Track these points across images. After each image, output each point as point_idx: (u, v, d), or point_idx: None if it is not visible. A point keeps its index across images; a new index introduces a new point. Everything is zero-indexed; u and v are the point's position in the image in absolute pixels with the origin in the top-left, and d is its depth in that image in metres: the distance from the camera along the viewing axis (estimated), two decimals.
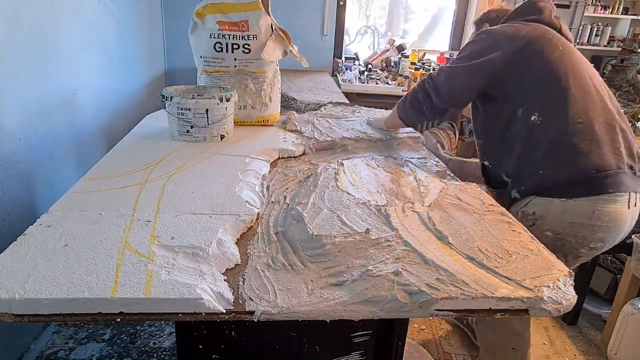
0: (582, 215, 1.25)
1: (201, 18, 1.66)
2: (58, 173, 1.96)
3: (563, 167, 1.27)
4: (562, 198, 1.27)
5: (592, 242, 1.29)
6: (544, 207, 1.30)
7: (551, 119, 1.29)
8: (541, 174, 1.30)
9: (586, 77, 1.33)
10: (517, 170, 1.36)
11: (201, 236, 0.92)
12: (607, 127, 1.28)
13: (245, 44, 1.67)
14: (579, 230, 1.27)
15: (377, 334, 1.10)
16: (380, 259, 0.88)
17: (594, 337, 2.14)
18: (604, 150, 1.25)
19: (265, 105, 1.78)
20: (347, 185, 1.23)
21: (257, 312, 0.75)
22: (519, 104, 1.34)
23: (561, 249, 1.31)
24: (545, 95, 1.30)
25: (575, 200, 1.25)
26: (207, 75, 1.73)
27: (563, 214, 1.27)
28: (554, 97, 1.29)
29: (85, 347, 1.83)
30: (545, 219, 1.30)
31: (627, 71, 3.61)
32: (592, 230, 1.26)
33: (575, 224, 1.26)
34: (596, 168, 1.24)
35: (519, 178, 1.36)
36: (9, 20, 1.60)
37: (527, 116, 1.31)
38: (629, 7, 4.21)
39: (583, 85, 1.30)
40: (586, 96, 1.29)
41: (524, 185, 1.34)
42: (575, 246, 1.30)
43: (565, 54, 1.33)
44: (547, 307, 0.79)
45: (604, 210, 1.24)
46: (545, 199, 1.30)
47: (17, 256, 0.82)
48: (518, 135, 1.34)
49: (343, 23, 4.03)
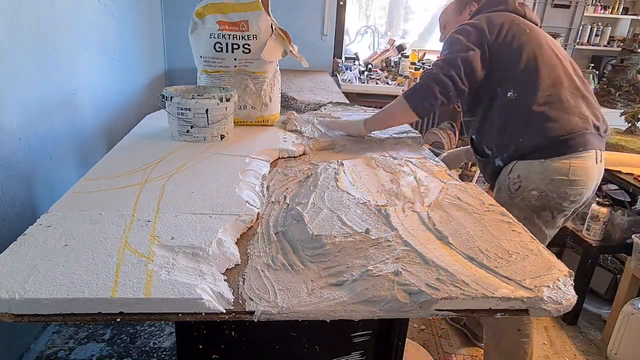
0: (560, 172, 1.44)
1: (201, 18, 1.66)
2: (58, 173, 1.96)
3: (537, 134, 1.45)
4: (541, 159, 1.45)
5: (572, 196, 1.47)
6: (525, 169, 1.48)
7: (525, 95, 1.47)
8: (520, 141, 1.48)
9: (552, 54, 1.51)
10: (499, 141, 1.54)
11: (201, 236, 0.92)
12: (572, 96, 1.47)
13: (245, 44, 1.67)
14: (559, 186, 1.45)
15: (377, 334, 1.10)
16: (380, 259, 0.88)
17: (594, 337, 2.14)
18: (571, 115, 1.44)
19: (265, 105, 1.78)
20: (347, 185, 1.23)
21: (257, 312, 0.75)
22: (497, 84, 1.51)
23: (547, 206, 1.48)
24: (518, 75, 1.48)
25: (552, 160, 1.44)
26: (207, 75, 1.73)
27: (543, 172, 1.45)
28: (526, 76, 1.47)
29: (85, 347, 1.83)
30: (528, 179, 1.47)
31: (627, 71, 3.61)
32: (571, 184, 1.44)
33: (555, 180, 1.44)
34: (566, 131, 1.43)
35: (500, 147, 1.54)
36: (9, 20, 1.60)
37: (505, 93, 1.50)
38: (629, 7, 4.21)
39: (550, 62, 1.48)
40: (553, 71, 1.48)
41: (506, 154, 1.52)
42: (558, 201, 1.47)
43: (532, 36, 1.51)
44: (547, 307, 0.79)
45: (578, 166, 1.43)
46: (526, 161, 1.48)
47: (17, 256, 0.82)
48: (498, 111, 1.52)
49: (343, 23, 4.03)
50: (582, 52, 4.18)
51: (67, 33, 2.04)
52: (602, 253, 2.26)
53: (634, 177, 1.96)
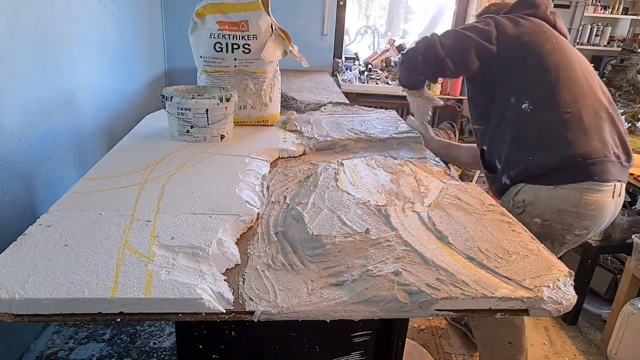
0: (569, 202, 1.30)
1: (201, 18, 1.66)
2: (58, 173, 1.96)
3: (550, 154, 1.32)
4: (550, 185, 1.32)
5: (578, 229, 1.34)
6: (533, 194, 1.36)
7: (541, 108, 1.34)
8: (530, 160, 1.35)
9: (577, 69, 1.38)
10: (508, 155, 1.42)
11: (201, 236, 0.92)
12: (595, 117, 1.32)
13: (245, 44, 1.67)
14: (565, 217, 1.32)
15: (377, 334, 1.10)
16: (380, 259, 0.88)
17: (594, 337, 2.14)
18: (590, 138, 1.30)
19: (265, 105, 1.78)
20: (347, 185, 1.23)
21: (257, 312, 0.75)
22: (511, 92, 1.40)
23: (548, 236, 1.37)
24: (535, 85, 1.36)
25: (562, 188, 1.30)
26: (207, 75, 1.73)
27: (551, 200, 1.32)
28: (544, 87, 1.35)
29: (85, 347, 1.83)
30: (534, 205, 1.35)
31: (627, 71, 3.61)
32: (578, 217, 1.31)
33: (562, 211, 1.31)
34: (582, 155, 1.29)
35: (509, 163, 1.42)
36: (9, 20, 1.60)
37: (519, 104, 1.37)
38: (629, 7, 4.21)
39: (573, 77, 1.36)
40: (575, 87, 1.34)
41: (513, 171, 1.40)
42: (561, 233, 1.35)
43: (557, 47, 1.39)
44: (547, 307, 0.79)
45: (590, 199, 1.29)
46: (534, 186, 1.35)
47: (17, 256, 0.82)
48: (510, 122, 1.40)
49: (343, 23, 4.03)
50: (582, 52, 4.16)
51: (67, 33, 2.04)
52: (602, 253, 2.26)
53: (634, 177, 1.96)
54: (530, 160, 1.35)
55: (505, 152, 1.43)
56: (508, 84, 1.41)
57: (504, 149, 1.43)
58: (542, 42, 1.39)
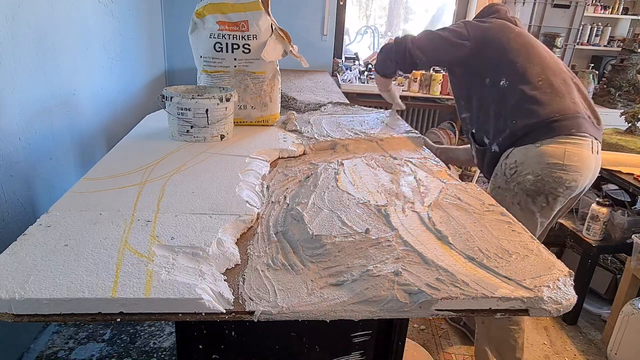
0: (555, 156, 1.47)
1: (201, 18, 1.66)
2: (58, 173, 1.96)
3: (530, 115, 1.50)
4: (536, 143, 1.49)
5: (567, 182, 1.49)
6: (522, 154, 1.52)
7: (517, 81, 1.54)
8: (514, 123, 1.53)
9: (541, 49, 1.61)
10: (494, 126, 1.60)
11: (201, 236, 0.92)
12: (564, 84, 1.54)
13: (245, 44, 1.67)
14: (554, 171, 1.48)
15: (377, 334, 1.10)
16: (380, 259, 0.88)
17: (594, 337, 2.14)
18: (562, 99, 1.51)
19: (265, 105, 1.78)
20: (347, 185, 1.23)
21: (257, 312, 0.75)
22: (487, 75, 1.61)
23: (542, 190, 1.51)
24: (508, 64, 1.57)
25: (548, 145, 1.47)
26: (207, 75, 1.73)
27: (539, 157, 1.48)
28: (516, 64, 1.56)
29: (85, 347, 1.83)
30: (524, 164, 1.51)
31: (627, 71, 3.60)
32: (565, 169, 1.47)
33: (551, 164, 1.47)
34: (558, 112, 1.49)
35: (496, 132, 1.60)
36: (9, 20, 1.60)
37: (497, 82, 1.58)
38: (629, 7, 4.21)
39: (539, 54, 1.58)
40: (542, 62, 1.56)
41: (501, 137, 1.57)
42: (553, 185, 1.49)
43: (521, 34, 1.62)
44: (547, 307, 0.79)
45: (572, 151, 1.47)
46: (522, 147, 1.52)
47: (17, 256, 0.82)
48: (492, 100, 1.60)
49: (343, 23, 4.03)
50: (582, 52, 4.18)
51: (67, 33, 2.04)
52: (602, 253, 2.26)
53: (634, 177, 1.96)
54: (514, 124, 1.53)
55: (491, 126, 1.61)
56: (483, 69, 1.62)
57: (490, 123, 1.62)
58: (507, 31, 1.61)
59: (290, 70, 3.63)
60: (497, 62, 1.59)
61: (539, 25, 3.56)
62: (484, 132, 1.66)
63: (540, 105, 1.49)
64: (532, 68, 1.54)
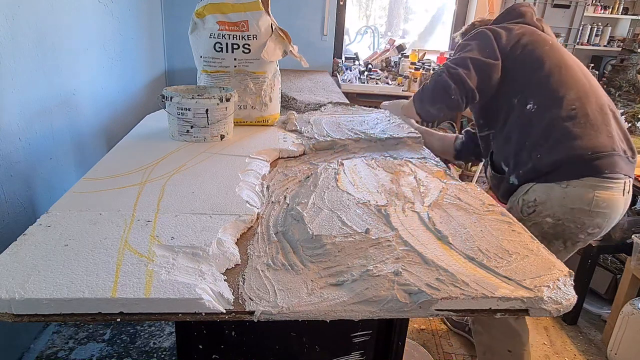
0: (582, 201, 1.30)
1: (201, 18, 1.66)
2: (58, 173, 1.96)
3: (559, 149, 1.32)
4: (561, 182, 1.32)
5: (590, 228, 1.34)
6: (544, 193, 1.34)
7: (546, 107, 1.36)
8: (538, 157, 1.35)
9: (576, 69, 1.41)
10: (515, 156, 1.42)
11: (201, 236, 0.92)
12: (600, 113, 1.34)
13: (245, 44, 1.67)
14: (578, 216, 1.32)
15: (377, 334, 1.10)
16: (380, 259, 0.88)
17: (594, 337, 2.14)
18: (597, 132, 1.31)
19: (265, 105, 1.78)
20: (347, 185, 1.23)
21: (257, 312, 0.75)
22: (514, 94, 1.42)
23: (561, 235, 1.36)
24: (539, 86, 1.38)
25: (574, 187, 1.30)
26: (207, 75, 1.73)
27: (564, 199, 1.31)
28: (548, 87, 1.37)
29: (85, 347, 1.83)
30: (545, 204, 1.34)
31: (627, 71, 3.61)
32: (591, 216, 1.31)
33: (576, 209, 1.31)
34: (591, 149, 1.29)
35: (517, 163, 1.42)
36: (9, 20, 1.60)
37: (523, 105, 1.39)
38: (629, 7, 4.21)
39: (574, 76, 1.38)
40: (578, 85, 1.36)
41: (522, 170, 1.40)
42: (574, 232, 1.34)
43: (555, 48, 1.43)
44: (547, 307, 0.79)
45: (602, 196, 1.29)
46: (545, 185, 1.34)
47: (17, 256, 0.82)
48: (515, 123, 1.42)
49: (343, 23, 4.03)
50: (582, 52, 4.18)
51: (67, 33, 2.04)
52: (602, 253, 2.26)
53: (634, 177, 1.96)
54: (538, 158, 1.34)
55: (512, 153, 1.43)
56: (511, 87, 1.42)
57: (511, 150, 1.44)
58: (540, 44, 1.42)
59: (290, 70, 3.63)
60: (525, 80, 1.40)
61: None
62: (502, 159, 1.48)
63: (571, 140, 1.30)
64: (566, 92, 1.34)
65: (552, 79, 1.37)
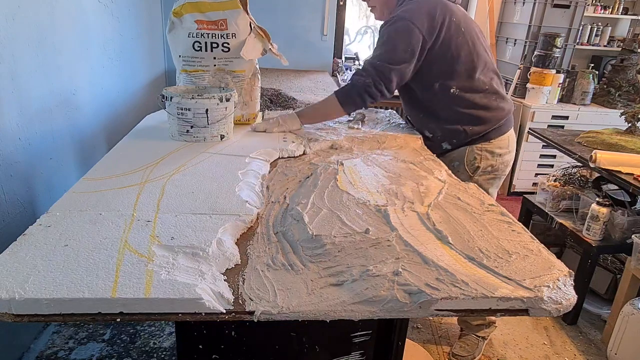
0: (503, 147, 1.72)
1: (179, 17, 1.65)
2: (58, 173, 1.96)
3: (485, 120, 1.68)
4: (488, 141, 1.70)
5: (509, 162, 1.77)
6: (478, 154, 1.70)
7: (466, 91, 1.65)
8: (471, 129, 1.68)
9: (481, 46, 1.65)
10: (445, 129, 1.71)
11: (201, 236, 0.92)
12: (498, 79, 1.72)
13: (224, 42, 1.65)
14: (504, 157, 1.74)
15: (377, 334, 1.10)
16: (380, 259, 0.88)
17: (594, 337, 2.14)
18: (505, 101, 1.72)
19: (246, 104, 1.76)
20: (347, 185, 1.23)
21: (257, 312, 0.75)
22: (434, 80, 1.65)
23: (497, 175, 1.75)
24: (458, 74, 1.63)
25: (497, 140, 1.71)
26: (187, 75, 1.71)
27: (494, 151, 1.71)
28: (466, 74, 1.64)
29: (85, 347, 1.83)
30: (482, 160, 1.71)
31: (627, 71, 3.60)
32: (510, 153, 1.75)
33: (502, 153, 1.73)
34: (505, 115, 1.72)
35: (447, 134, 1.71)
36: (9, 20, 1.60)
37: (447, 89, 1.65)
38: (629, 7, 4.20)
39: (482, 56, 1.65)
40: (485, 66, 1.66)
41: (455, 139, 1.71)
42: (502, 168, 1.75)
43: (467, 34, 1.62)
44: (547, 307, 0.79)
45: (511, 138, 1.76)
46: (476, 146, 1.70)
47: (17, 256, 0.82)
48: (439, 104, 1.68)
49: (343, 23, 4.03)
50: (582, 52, 4.17)
51: (67, 33, 2.04)
52: (602, 253, 2.26)
53: (634, 177, 1.96)
54: (471, 130, 1.68)
55: (441, 128, 1.71)
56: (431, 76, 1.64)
57: (439, 125, 1.71)
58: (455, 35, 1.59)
59: (291, 70, 3.63)
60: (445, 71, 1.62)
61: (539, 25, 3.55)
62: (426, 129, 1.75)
63: (493, 112, 1.68)
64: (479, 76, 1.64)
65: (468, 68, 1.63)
